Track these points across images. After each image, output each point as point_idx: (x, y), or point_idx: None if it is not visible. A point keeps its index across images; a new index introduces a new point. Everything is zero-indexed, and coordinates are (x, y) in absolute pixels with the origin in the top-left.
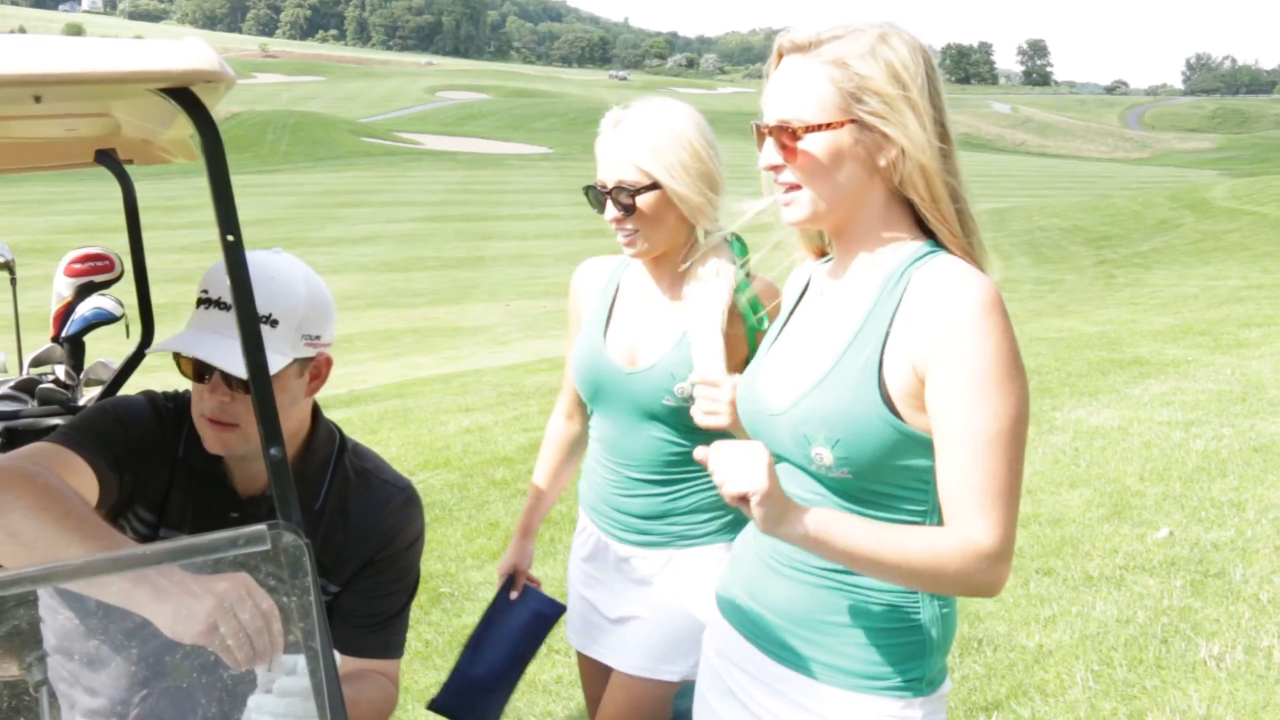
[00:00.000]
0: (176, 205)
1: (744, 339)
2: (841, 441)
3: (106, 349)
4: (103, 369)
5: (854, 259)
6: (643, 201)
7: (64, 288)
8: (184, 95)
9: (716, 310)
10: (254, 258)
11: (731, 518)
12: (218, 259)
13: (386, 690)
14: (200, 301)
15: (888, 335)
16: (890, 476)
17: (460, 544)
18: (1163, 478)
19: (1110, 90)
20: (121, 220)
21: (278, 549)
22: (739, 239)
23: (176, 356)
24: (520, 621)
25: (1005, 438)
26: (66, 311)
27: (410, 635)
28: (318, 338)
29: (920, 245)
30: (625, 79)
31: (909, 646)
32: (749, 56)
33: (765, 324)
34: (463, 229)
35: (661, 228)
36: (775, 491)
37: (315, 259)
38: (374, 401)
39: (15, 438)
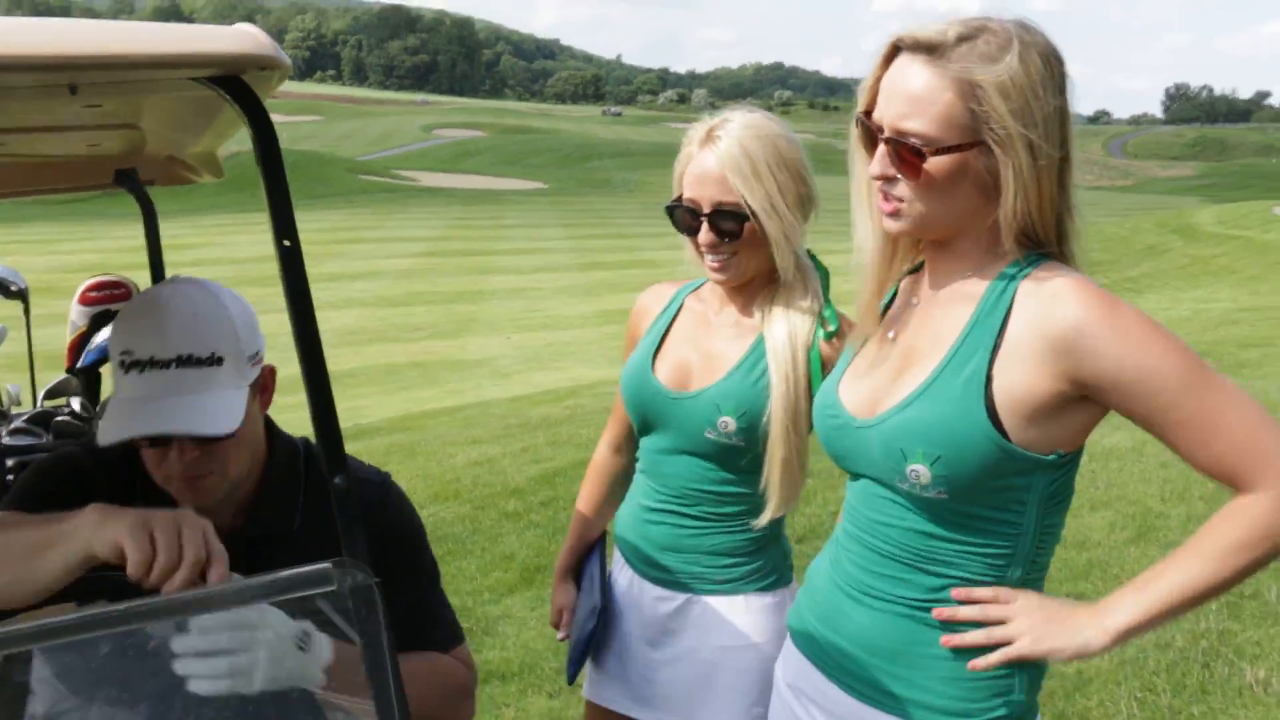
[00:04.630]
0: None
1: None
2: (943, 459)
3: None
4: None
5: (954, 269)
6: (749, 227)
7: (79, 317)
8: (233, 85)
9: (804, 329)
10: (157, 295)
11: (756, 566)
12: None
13: (444, 664)
14: (128, 365)
15: (997, 347)
16: (988, 498)
17: (476, 578)
18: (1184, 498)
19: (1093, 120)
20: (124, 259)
21: (344, 589)
22: (818, 261)
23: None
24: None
25: (1212, 382)
26: (81, 342)
27: None
28: (257, 354)
29: (1023, 254)
30: (619, 115)
31: (999, 681)
32: (739, 91)
33: (830, 336)
34: (462, 263)
35: (759, 253)
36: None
37: (317, 295)
38: (379, 435)
39: None
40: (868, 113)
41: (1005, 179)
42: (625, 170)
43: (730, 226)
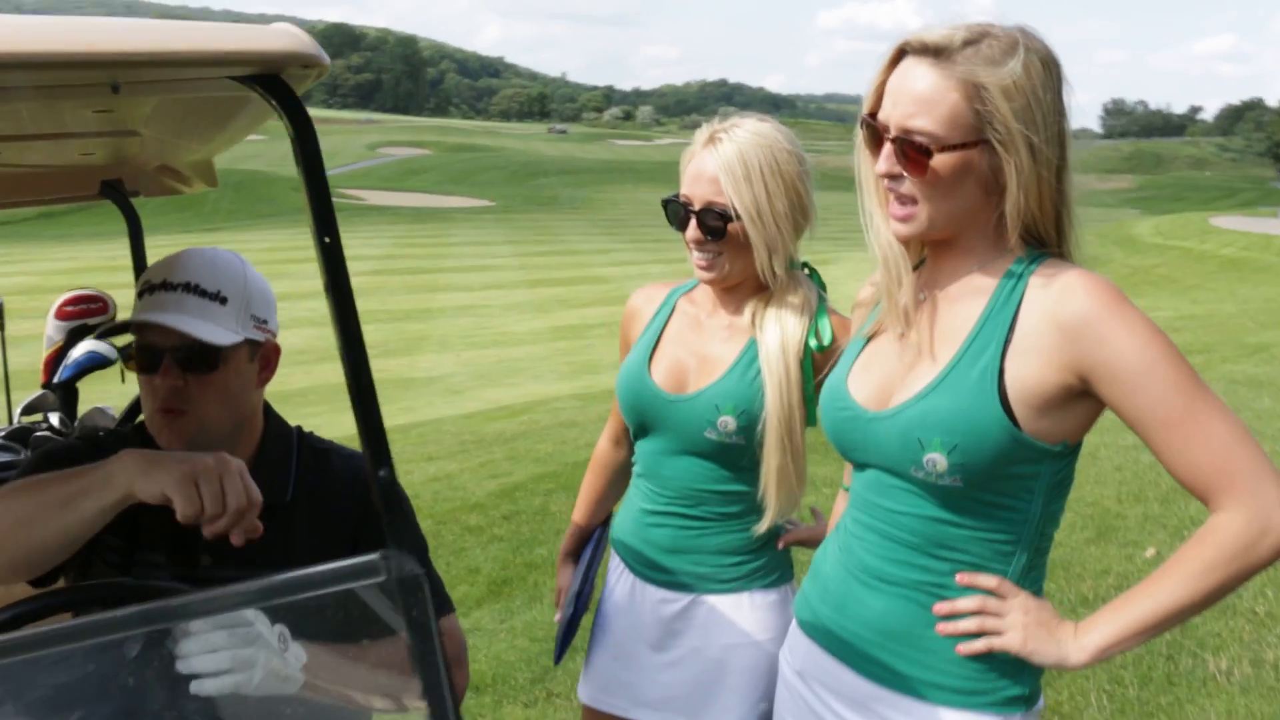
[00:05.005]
0: (119, 266)
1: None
2: (959, 447)
3: (98, 394)
4: (100, 415)
5: (959, 264)
6: (734, 228)
7: (55, 331)
8: (271, 84)
9: (796, 339)
10: (191, 251)
11: (761, 564)
12: None
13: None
14: (145, 291)
15: (1008, 340)
16: (999, 485)
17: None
18: (1140, 499)
19: None
20: (62, 280)
21: (392, 580)
22: (814, 270)
23: (124, 352)
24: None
25: (1201, 392)
26: (58, 356)
27: None
28: (265, 322)
29: (1028, 250)
30: (564, 132)
31: (1012, 662)
32: (684, 108)
33: (823, 348)
34: (409, 281)
35: (745, 256)
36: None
37: None
38: None
39: None
40: (873, 114)
41: (1009, 176)
42: (572, 187)
43: (715, 224)
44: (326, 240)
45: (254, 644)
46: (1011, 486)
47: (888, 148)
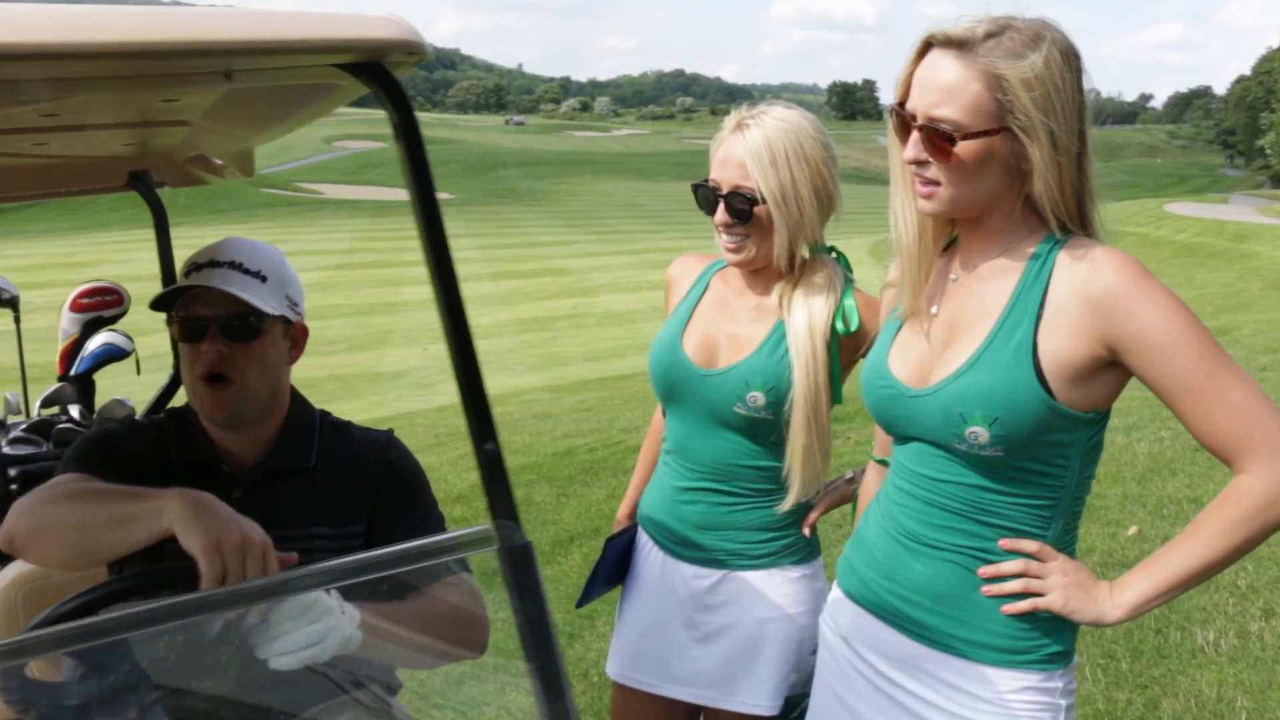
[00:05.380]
0: (76, 262)
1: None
2: (1000, 420)
3: (116, 387)
4: (119, 407)
5: (989, 246)
6: (761, 212)
7: (70, 324)
8: (372, 71)
9: (822, 321)
10: (233, 238)
11: (791, 540)
12: None
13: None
14: (191, 270)
15: (1040, 315)
16: (1038, 453)
17: None
18: (1118, 479)
19: None
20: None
21: (504, 548)
22: (842, 254)
23: (169, 320)
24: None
25: (1223, 360)
26: (74, 349)
27: None
28: (296, 305)
29: (1054, 231)
30: (522, 124)
31: (1052, 620)
32: (641, 99)
33: (849, 332)
34: (372, 275)
35: (772, 238)
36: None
37: None
38: None
39: (31, 482)
40: (901, 104)
41: (1032, 161)
42: (531, 179)
43: (742, 208)
44: (430, 222)
45: (323, 619)
46: (1049, 454)
47: (915, 135)
